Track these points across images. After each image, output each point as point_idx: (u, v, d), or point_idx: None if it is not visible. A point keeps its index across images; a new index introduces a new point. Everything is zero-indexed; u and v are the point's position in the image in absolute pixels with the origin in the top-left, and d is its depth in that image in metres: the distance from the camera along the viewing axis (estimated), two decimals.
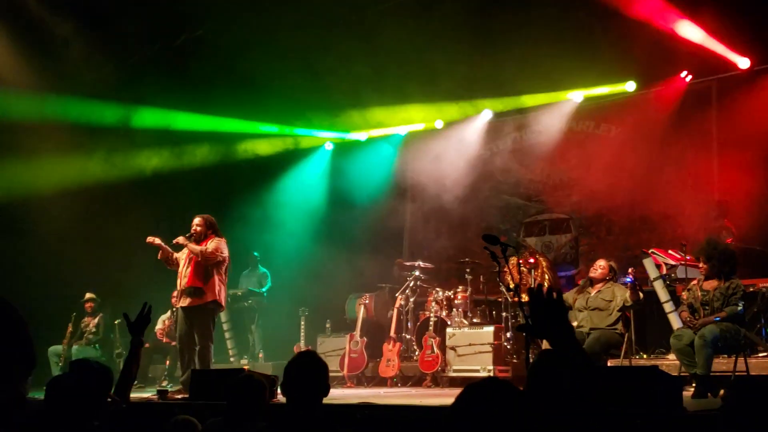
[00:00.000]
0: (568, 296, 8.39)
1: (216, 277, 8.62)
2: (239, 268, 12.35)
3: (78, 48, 11.06)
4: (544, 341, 8.15)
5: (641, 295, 7.89)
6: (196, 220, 8.78)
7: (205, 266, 8.56)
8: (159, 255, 8.78)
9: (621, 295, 7.93)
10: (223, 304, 8.90)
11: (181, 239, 8.62)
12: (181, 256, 8.76)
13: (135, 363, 4.63)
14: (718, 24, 10.24)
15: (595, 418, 2.96)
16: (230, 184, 13.40)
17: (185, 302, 8.57)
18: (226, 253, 8.72)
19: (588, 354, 7.52)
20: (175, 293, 9.22)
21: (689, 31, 10.44)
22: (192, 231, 8.70)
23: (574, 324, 8.28)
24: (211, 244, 8.60)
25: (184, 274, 8.61)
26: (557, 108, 12.30)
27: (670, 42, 10.34)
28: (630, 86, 11.56)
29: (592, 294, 8.13)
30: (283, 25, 10.93)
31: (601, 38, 10.38)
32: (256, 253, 12.74)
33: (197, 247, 8.56)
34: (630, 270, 7.90)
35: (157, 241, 8.64)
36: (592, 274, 8.29)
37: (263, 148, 13.86)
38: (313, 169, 14.35)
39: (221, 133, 13.40)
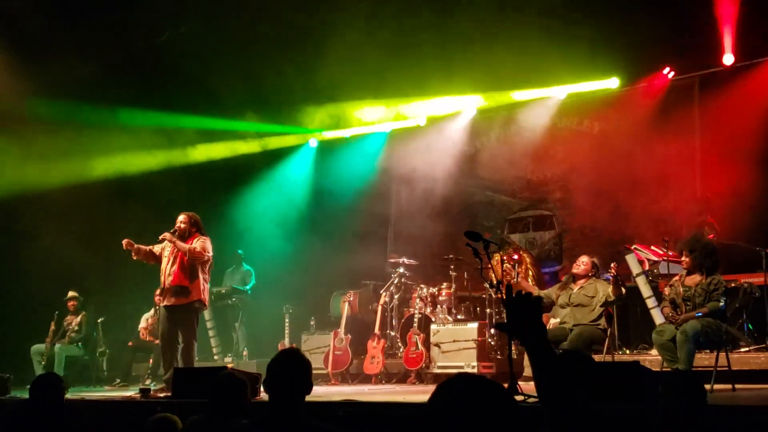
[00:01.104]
0: (551, 292, 8.42)
1: (201, 276, 8.59)
2: (223, 265, 12.32)
3: (61, 46, 11.00)
4: None
5: (623, 290, 7.91)
6: (181, 217, 8.74)
7: (191, 265, 8.53)
8: (134, 256, 8.68)
9: (603, 290, 7.94)
10: (207, 302, 8.89)
11: (167, 236, 8.55)
12: (164, 253, 8.71)
13: None
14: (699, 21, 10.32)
15: (578, 413, 2.97)
16: (215, 182, 13.36)
17: (170, 301, 8.51)
18: (211, 252, 8.70)
19: (568, 350, 7.58)
20: (158, 291, 9.15)
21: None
22: (176, 227, 8.65)
23: (557, 320, 8.31)
24: (198, 243, 8.56)
25: (168, 272, 8.55)
26: (541, 105, 12.34)
27: (652, 37, 10.38)
28: (613, 83, 11.59)
29: (575, 290, 8.15)
30: (266, 22, 10.91)
31: (583, 34, 10.40)
32: (240, 251, 12.71)
33: (185, 246, 8.51)
34: (612, 266, 7.92)
35: (132, 245, 8.55)
36: (574, 270, 8.31)
37: (247, 145, 13.82)
38: (298, 167, 14.32)
39: (206, 131, 13.36)
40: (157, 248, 8.72)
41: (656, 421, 3.63)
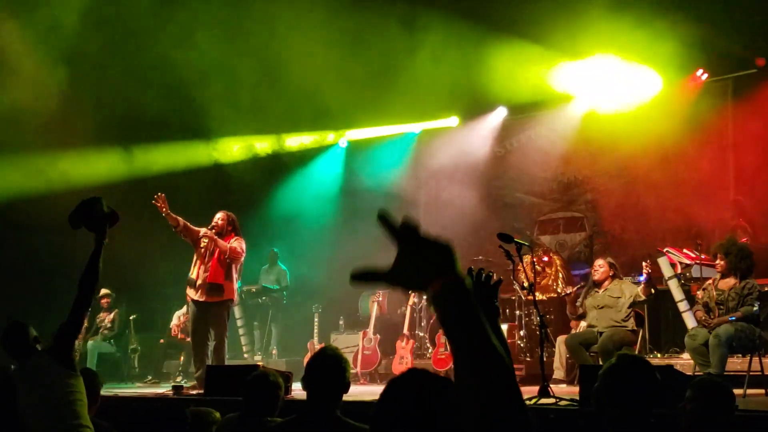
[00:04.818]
0: (582, 302, 8.37)
1: (234, 276, 8.67)
2: (257, 263, 12.38)
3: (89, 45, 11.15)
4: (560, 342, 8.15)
5: (653, 290, 7.87)
6: (219, 215, 8.76)
7: (228, 263, 8.58)
8: (170, 220, 8.43)
9: (630, 291, 7.90)
10: (236, 300, 9.03)
11: (208, 232, 8.58)
12: (199, 245, 8.68)
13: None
14: (731, 23, 10.21)
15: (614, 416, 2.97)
16: (247, 182, 13.45)
17: (202, 297, 8.53)
18: (245, 252, 8.77)
19: (600, 352, 7.55)
20: (189, 285, 8.93)
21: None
22: (213, 224, 8.68)
23: (585, 324, 8.28)
24: (235, 243, 8.63)
25: (204, 268, 8.58)
26: (572, 105, 12.25)
27: (685, 38, 10.29)
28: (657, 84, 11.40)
29: (600, 293, 8.12)
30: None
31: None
32: (276, 249, 12.75)
33: (226, 245, 8.55)
34: (645, 263, 7.87)
35: (165, 202, 8.32)
36: (594, 278, 8.21)
37: (279, 146, 13.91)
38: (328, 167, 14.37)
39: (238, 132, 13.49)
40: (201, 232, 8.63)
41: (683, 425, 3.62)
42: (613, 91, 11.71)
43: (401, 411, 1.83)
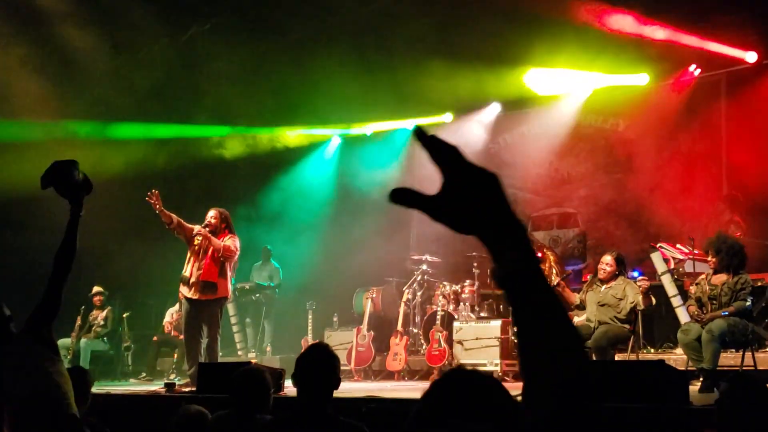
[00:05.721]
0: (583, 296, 8.32)
1: (228, 273, 8.62)
2: (250, 260, 12.35)
3: (83, 39, 11.12)
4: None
5: (653, 300, 7.84)
6: (212, 213, 8.67)
7: (221, 261, 8.54)
8: (164, 217, 8.36)
9: (633, 295, 7.81)
10: (230, 297, 8.98)
11: (202, 230, 8.51)
12: (193, 242, 8.61)
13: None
14: (723, 19, 10.22)
15: (601, 412, 2.97)
16: (240, 178, 13.42)
17: (196, 295, 8.47)
18: (239, 251, 8.73)
19: (594, 347, 7.54)
20: (182, 283, 8.92)
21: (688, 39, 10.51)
22: (206, 222, 8.60)
23: (582, 318, 8.26)
24: (229, 241, 8.58)
25: (198, 266, 8.53)
26: (566, 102, 12.26)
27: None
28: (643, 79, 11.45)
29: (603, 289, 8.08)
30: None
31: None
32: (269, 246, 12.73)
33: (220, 243, 8.49)
34: (641, 279, 7.81)
35: (159, 199, 8.25)
36: (601, 276, 8.13)
37: (272, 142, 13.89)
38: (321, 163, 14.36)
39: (231, 127, 13.46)
40: (195, 229, 8.56)
41: (718, 419, 3.62)
42: (606, 87, 11.75)
43: (446, 412, 1.79)
